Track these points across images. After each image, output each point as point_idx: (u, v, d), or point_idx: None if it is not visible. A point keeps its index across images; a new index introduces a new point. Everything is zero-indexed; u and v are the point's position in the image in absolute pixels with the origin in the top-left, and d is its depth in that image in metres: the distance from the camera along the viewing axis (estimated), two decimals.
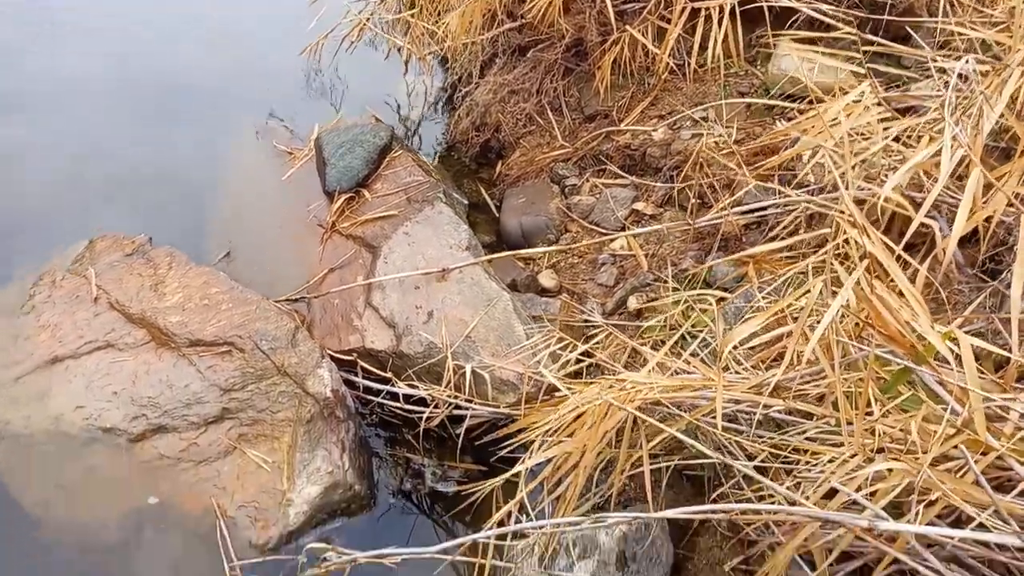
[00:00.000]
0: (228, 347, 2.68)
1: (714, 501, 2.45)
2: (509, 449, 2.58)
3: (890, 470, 1.69)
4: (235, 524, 2.46)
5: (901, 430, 1.80)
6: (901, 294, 1.79)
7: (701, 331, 2.69)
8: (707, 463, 2.25)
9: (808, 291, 2.11)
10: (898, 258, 1.80)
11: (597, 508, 2.69)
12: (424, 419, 2.72)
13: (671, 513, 1.66)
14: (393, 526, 2.67)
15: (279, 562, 2.44)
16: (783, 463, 2.02)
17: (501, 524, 2.27)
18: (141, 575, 2.38)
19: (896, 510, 1.79)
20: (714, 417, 1.94)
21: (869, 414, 1.88)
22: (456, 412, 2.74)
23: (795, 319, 2.26)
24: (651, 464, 2.18)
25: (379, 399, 2.81)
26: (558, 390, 2.60)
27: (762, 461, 2.05)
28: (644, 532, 2.35)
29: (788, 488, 1.82)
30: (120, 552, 2.41)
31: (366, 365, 2.85)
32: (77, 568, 2.39)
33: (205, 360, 2.68)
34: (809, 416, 2.05)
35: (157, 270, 2.90)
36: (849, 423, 1.79)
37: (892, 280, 1.80)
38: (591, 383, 2.34)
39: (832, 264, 1.90)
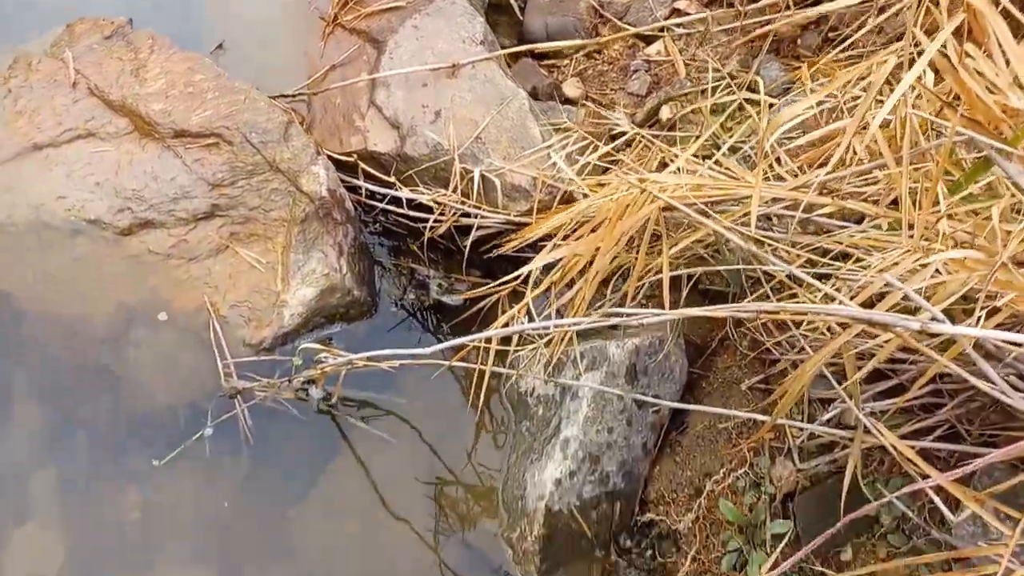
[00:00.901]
0: (215, 139, 2.46)
1: (738, 323, 2.28)
2: (519, 261, 2.40)
3: (952, 271, 1.46)
4: (228, 323, 2.35)
5: (968, 232, 1.56)
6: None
7: (742, 144, 2.40)
8: (731, 271, 2.05)
9: (870, 82, 1.79)
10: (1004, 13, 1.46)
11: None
12: (429, 227, 2.53)
13: (695, 311, 1.47)
14: (395, 336, 2.56)
15: (274, 363, 2.36)
16: (824, 271, 1.81)
17: (505, 327, 2.13)
18: (132, 370, 2.31)
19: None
20: (748, 222, 1.71)
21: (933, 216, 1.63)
22: (463, 221, 2.53)
23: (851, 113, 1.96)
24: (671, 274, 1.98)
25: (382, 205, 2.61)
26: (575, 200, 2.37)
27: (800, 269, 1.83)
28: (658, 346, 2.19)
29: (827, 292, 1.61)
30: (110, 347, 2.33)
31: (369, 168, 2.63)
32: (66, 363, 2.32)
33: (191, 152, 2.46)
34: (859, 220, 1.81)
35: (138, 54, 2.62)
36: (910, 225, 1.55)
37: (987, 46, 1.47)
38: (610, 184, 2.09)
39: (912, 32, 1.57)
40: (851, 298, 1.54)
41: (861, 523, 1.95)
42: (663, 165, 2.56)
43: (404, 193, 2.54)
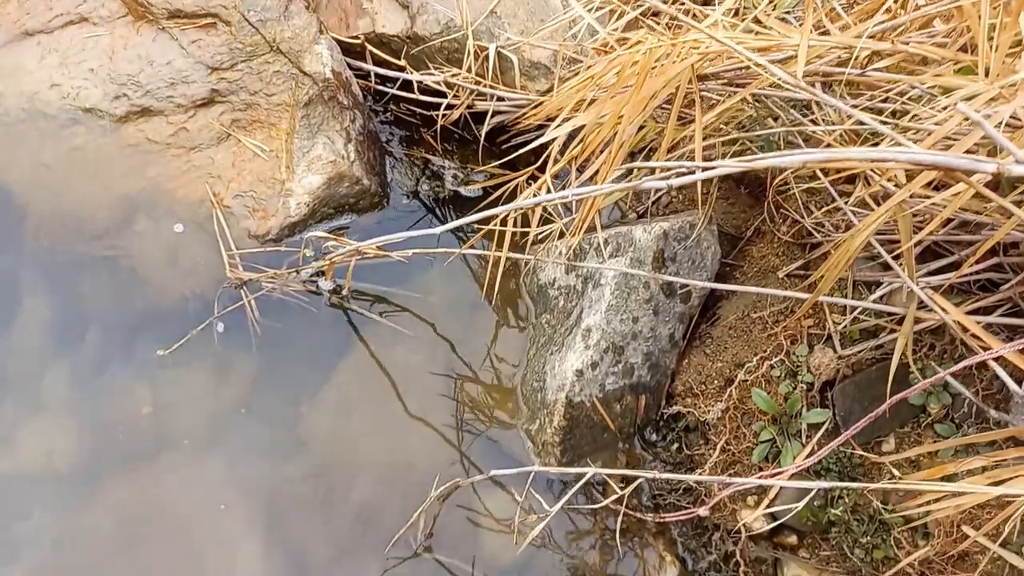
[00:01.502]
0: (212, 19, 2.29)
1: (778, 206, 2.11)
2: (538, 151, 2.23)
3: None
4: (232, 214, 2.24)
5: None
6: None
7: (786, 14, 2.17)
8: (772, 142, 1.86)
9: None
10: None
11: (635, 205, 2.38)
12: (442, 113, 2.36)
13: (731, 164, 1.30)
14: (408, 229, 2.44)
15: (282, 255, 2.26)
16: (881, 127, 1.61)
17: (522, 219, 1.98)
18: (138, 264, 2.23)
19: None
20: (790, 85, 1.51)
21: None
22: (479, 106, 2.36)
23: None
24: (704, 146, 1.80)
25: (393, 90, 2.44)
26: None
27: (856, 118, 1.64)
28: (688, 231, 2.04)
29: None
30: (114, 240, 2.24)
31: (378, 53, 2.45)
32: (72, 257, 2.24)
33: (188, 34, 2.31)
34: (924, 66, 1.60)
35: None
36: (986, 71, 1.34)
37: None
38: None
39: None
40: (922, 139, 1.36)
41: (906, 413, 1.82)
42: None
43: (415, 76, 2.36)
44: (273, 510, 2.05)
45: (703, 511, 1.85)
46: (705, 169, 1.29)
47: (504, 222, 1.96)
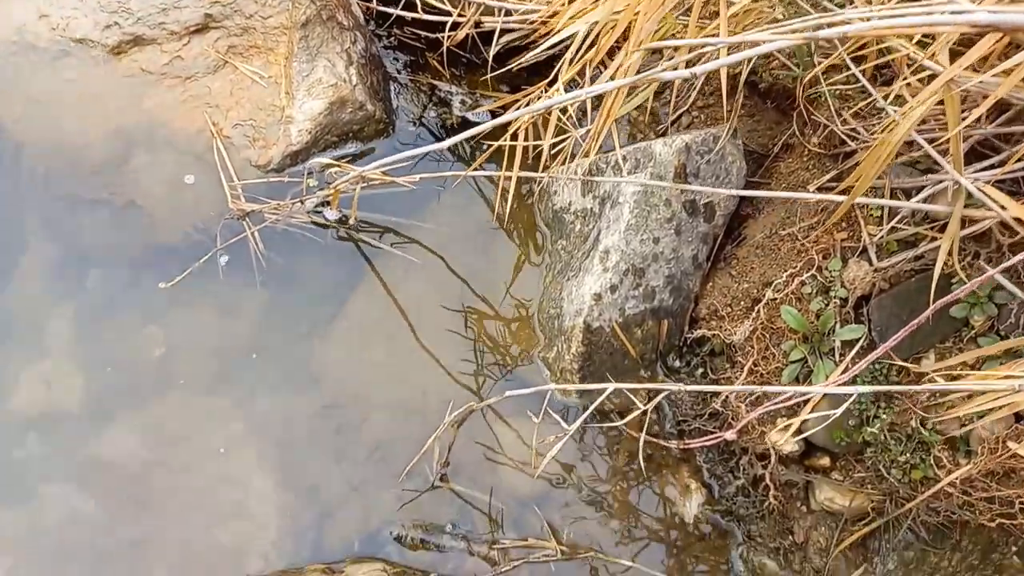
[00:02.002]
0: None
1: (807, 115, 1.98)
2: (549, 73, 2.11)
3: None
4: (232, 144, 2.15)
5: None
6: None
7: None
8: (797, 47, 1.72)
9: None
10: None
11: (653, 126, 2.26)
12: (447, 32, 2.24)
13: (769, 37, 1.18)
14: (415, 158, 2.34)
15: (285, 185, 2.18)
16: None
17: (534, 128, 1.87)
18: (135, 197, 2.16)
19: None
20: None
21: None
22: (486, 24, 2.23)
23: None
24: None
25: (396, 10, 2.31)
26: None
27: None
28: (711, 144, 1.92)
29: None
30: (110, 173, 2.17)
31: None
32: (71, 195, 2.17)
33: None
34: None
35: None
36: None
37: None
38: None
39: None
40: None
41: (947, 327, 1.71)
42: None
43: None
44: (285, 446, 2.00)
45: (730, 435, 1.77)
46: (732, 50, 1.17)
47: (515, 136, 1.85)
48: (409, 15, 2.29)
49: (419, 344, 2.10)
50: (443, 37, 2.25)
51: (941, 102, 1.36)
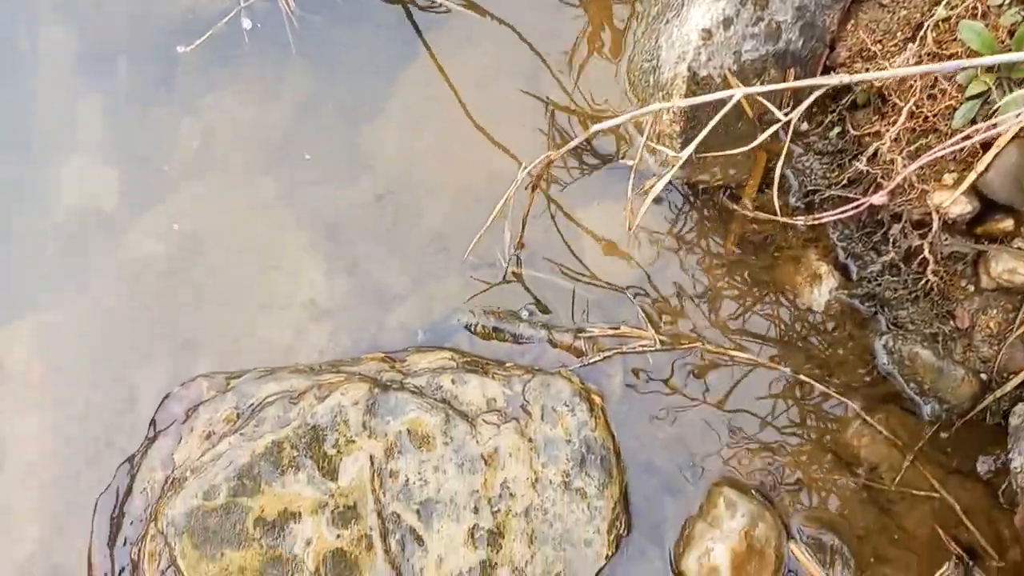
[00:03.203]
0: None
1: None
2: None
3: None
4: None
5: None
6: None
7: None
8: None
9: None
10: None
11: None
12: None
13: None
14: None
15: None
16: None
17: None
18: None
19: None
20: None
21: None
22: None
23: None
24: None
25: None
26: None
27: None
28: None
29: None
30: None
31: None
32: None
33: None
34: None
35: None
36: None
37: None
38: None
39: None
40: None
41: None
42: None
43: None
44: (335, 238, 1.74)
45: (879, 198, 1.41)
46: None
47: None
48: None
49: (482, 124, 1.77)
50: None
51: None
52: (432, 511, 1.29)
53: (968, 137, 1.29)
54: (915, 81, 1.37)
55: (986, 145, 1.35)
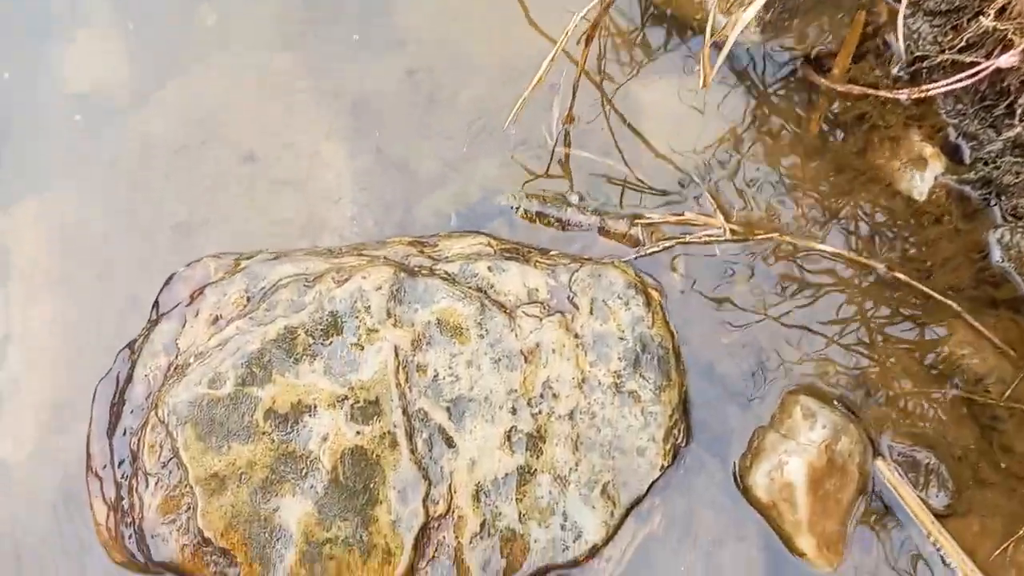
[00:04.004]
0: None
1: None
2: None
3: None
4: None
5: None
6: None
7: None
8: None
9: None
10: None
11: None
12: None
13: None
14: None
15: None
16: None
17: None
18: None
19: None
20: None
21: None
22: None
23: None
24: None
25: None
26: None
27: None
28: None
29: None
30: None
31: None
32: None
33: None
34: None
35: None
36: None
37: None
38: None
39: None
40: None
41: None
42: None
43: None
44: (361, 116, 1.55)
45: (1008, 58, 1.17)
46: None
47: None
48: None
49: None
50: None
51: None
52: (464, 410, 1.15)
53: None
54: None
55: None
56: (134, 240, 1.47)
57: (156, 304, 1.25)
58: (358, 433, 1.10)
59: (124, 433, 1.14)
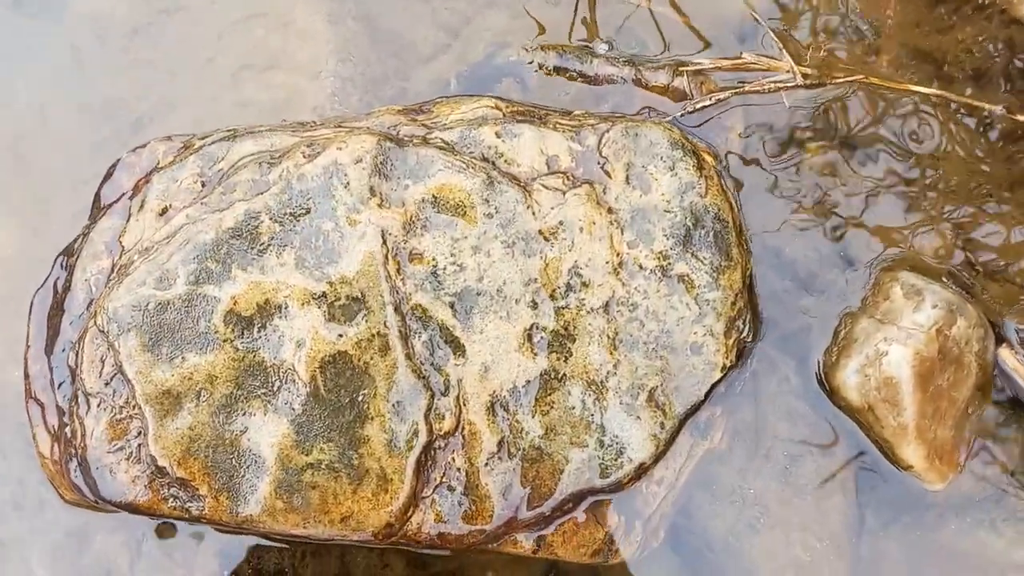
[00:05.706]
0: None
1: None
2: None
3: None
4: None
5: None
6: None
7: None
8: None
9: None
10: None
11: None
12: None
13: None
14: None
15: None
16: None
17: None
18: None
19: None
20: None
21: None
22: None
23: None
24: None
25: None
26: None
27: None
28: None
29: None
30: None
31: None
32: None
33: None
34: None
35: None
36: None
37: None
38: None
39: None
40: None
41: None
42: None
43: None
44: None
45: None
46: None
47: None
48: None
49: None
50: None
51: None
52: (472, 305, 0.93)
53: None
54: None
55: None
56: (83, 131, 1.26)
57: (97, 198, 1.04)
58: (340, 336, 0.90)
59: (63, 350, 0.96)
